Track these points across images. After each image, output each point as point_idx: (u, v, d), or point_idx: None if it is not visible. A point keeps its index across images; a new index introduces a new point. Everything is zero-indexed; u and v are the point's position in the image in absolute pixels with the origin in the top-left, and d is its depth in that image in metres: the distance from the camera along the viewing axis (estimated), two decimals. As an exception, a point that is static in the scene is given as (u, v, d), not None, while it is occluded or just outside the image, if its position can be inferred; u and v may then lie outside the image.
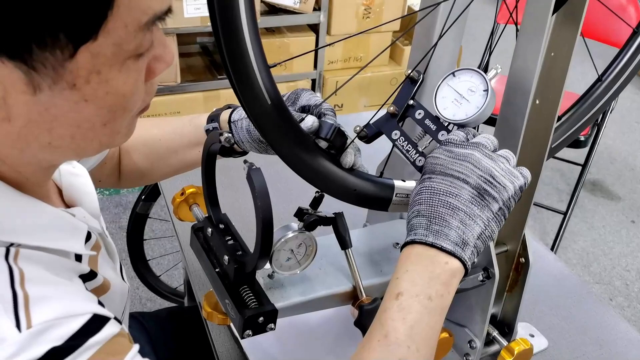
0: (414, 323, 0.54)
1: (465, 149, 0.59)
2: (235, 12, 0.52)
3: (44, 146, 0.46)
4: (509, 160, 0.60)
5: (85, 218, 0.57)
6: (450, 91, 0.65)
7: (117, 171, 0.86)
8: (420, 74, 0.68)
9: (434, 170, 0.59)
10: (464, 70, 0.65)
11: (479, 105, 0.63)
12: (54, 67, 0.42)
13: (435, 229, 0.56)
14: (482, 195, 0.57)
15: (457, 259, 0.56)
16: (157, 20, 0.45)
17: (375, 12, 2.36)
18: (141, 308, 1.94)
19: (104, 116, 0.46)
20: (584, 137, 2.05)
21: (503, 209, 0.58)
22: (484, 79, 0.64)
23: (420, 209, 0.58)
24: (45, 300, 0.44)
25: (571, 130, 0.81)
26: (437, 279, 0.55)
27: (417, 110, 0.67)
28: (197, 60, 2.37)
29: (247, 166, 0.61)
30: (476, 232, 0.56)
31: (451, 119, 0.65)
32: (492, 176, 0.57)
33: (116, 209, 2.32)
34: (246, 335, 0.65)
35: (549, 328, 0.95)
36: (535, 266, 1.08)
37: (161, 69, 0.50)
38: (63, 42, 0.41)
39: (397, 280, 0.56)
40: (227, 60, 0.55)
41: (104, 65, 0.43)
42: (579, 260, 2.29)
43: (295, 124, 0.62)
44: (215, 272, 0.69)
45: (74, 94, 0.43)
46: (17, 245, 0.46)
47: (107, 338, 0.46)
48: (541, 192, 2.60)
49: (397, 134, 0.68)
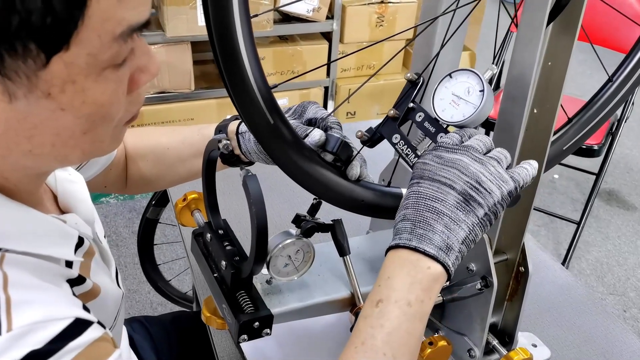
0: (391, 330, 0.54)
1: (455, 154, 0.59)
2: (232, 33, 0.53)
3: (25, 153, 0.47)
4: (500, 162, 0.59)
5: (77, 224, 0.57)
6: (448, 93, 0.66)
7: (123, 177, 0.87)
8: (419, 76, 0.68)
9: (422, 175, 0.60)
10: (460, 71, 0.65)
11: (476, 105, 0.63)
12: (28, 76, 0.42)
13: (420, 232, 0.56)
14: (468, 201, 0.57)
15: (439, 264, 0.56)
16: (134, 32, 0.45)
17: (389, 20, 2.36)
18: (152, 312, 1.96)
19: (82, 125, 0.46)
20: (598, 146, 2.02)
21: (489, 215, 0.58)
22: (480, 79, 0.64)
23: (406, 213, 0.58)
24: (28, 304, 0.45)
25: (580, 134, 0.80)
26: (419, 284, 0.55)
27: (417, 112, 0.68)
28: (211, 67, 2.40)
29: (243, 173, 0.62)
30: (461, 236, 0.56)
31: (449, 120, 0.65)
32: (478, 182, 0.57)
33: (130, 214, 2.34)
34: (242, 340, 0.65)
35: (552, 338, 0.94)
36: (541, 276, 1.08)
37: (145, 79, 0.50)
38: (34, 51, 0.41)
39: (379, 287, 0.56)
40: (228, 86, 0.56)
41: (79, 74, 0.43)
42: (592, 270, 2.26)
43: (299, 139, 0.63)
44: (214, 277, 0.70)
45: (50, 102, 0.44)
46: (4, 250, 0.47)
47: (88, 342, 0.46)
48: (555, 201, 2.57)
49: (398, 138, 0.68)
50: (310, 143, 0.66)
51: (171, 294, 1.71)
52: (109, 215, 2.32)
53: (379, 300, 0.55)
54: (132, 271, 2.08)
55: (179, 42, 2.08)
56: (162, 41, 2.05)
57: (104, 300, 0.59)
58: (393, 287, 0.55)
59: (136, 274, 2.05)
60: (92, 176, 0.80)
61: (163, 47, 2.06)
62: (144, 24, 0.45)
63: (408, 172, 0.84)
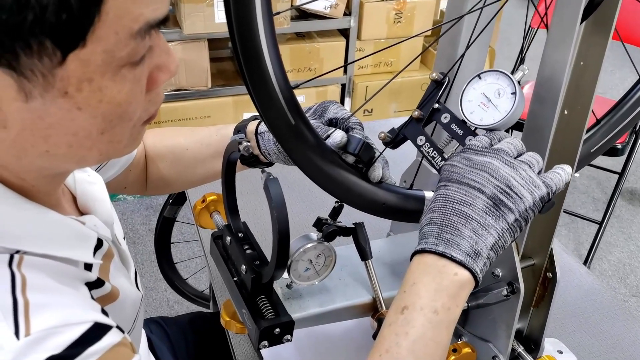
0: (416, 338, 0.52)
1: (484, 157, 0.57)
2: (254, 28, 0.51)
3: (41, 154, 0.46)
4: (532, 166, 0.57)
5: (96, 226, 0.57)
6: (477, 94, 0.63)
7: (143, 178, 0.86)
8: (444, 76, 0.66)
9: (450, 177, 0.58)
10: (489, 72, 0.63)
11: (507, 108, 0.61)
12: (44, 75, 0.41)
13: (447, 237, 0.55)
14: (498, 206, 0.55)
15: (467, 270, 0.54)
16: (151, 29, 0.44)
17: (407, 16, 2.34)
18: (169, 310, 1.96)
19: (99, 124, 0.45)
20: (621, 145, 1.99)
21: (519, 220, 0.56)
22: (512, 81, 0.61)
23: (433, 216, 0.56)
24: (46, 307, 0.44)
25: (608, 136, 0.78)
26: (445, 291, 0.53)
27: (443, 114, 0.65)
28: (228, 65, 2.39)
29: (264, 176, 0.60)
30: (489, 242, 0.55)
31: (478, 123, 0.63)
32: (509, 186, 0.55)
33: (147, 211, 2.35)
34: (262, 346, 0.64)
35: (578, 345, 0.91)
36: (565, 280, 1.05)
37: (164, 78, 0.48)
38: (50, 48, 0.40)
39: (404, 293, 0.55)
40: (249, 85, 0.55)
41: (95, 73, 0.42)
42: (614, 271, 2.22)
43: (320, 141, 0.62)
44: (234, 281, 0.69)
45: (67, 101, 0.43)
46: (22, 253, 0.46)
47: (107, 347, 0.45)
48: (576, 201, 2.53)
49: (423, 140, 0.66)
50: (332, 144, 0.64)
51: (188, 292, 1.71)
52: (125, 213, 2.33)
53: (404, 307, 0.54)
54: (149, 269, 2.09)
55: (196, 40, 2.07)
56: (179, 39, 2.05)
57: (122, 303, 0.59)
58: (418, 293, 0.54)
59: (153, 271, 2.06)
60: (112, 177, 0.79)
61: (180, 45, 2.06)
62: (161, 20, 0.44)
63: (431, 174, 0.83)
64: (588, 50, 0.62)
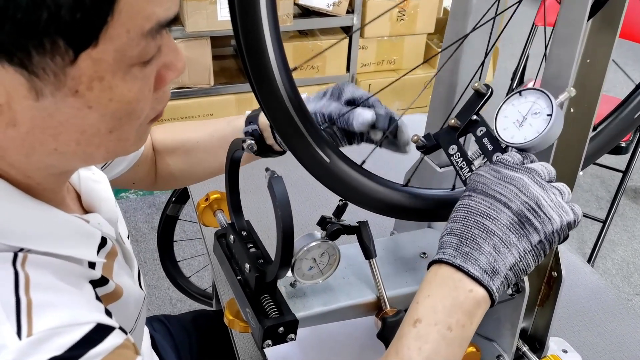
0: (430, 354, 0.51)
1: (515, 172, 0.55)
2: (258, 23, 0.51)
3: (50, 152, 0.46)
4: (563, 194, 0.55)
5: (100, 224, 0.57)
6: (514, 111, 0.60)
7: (152, 174, 0.86)
8: (488, 88, 0.63)
9: (475, 188, 0.56)
10: (531, 90, 0.60)
11: (539, 129, 0.58)
12: (55, 73, 0.41)
13: (465, 250, 0.53)
14: (523, 223, 0.53)
15: (483, 288, 0.52)
16: (162, 28, 0.44)
17: (410, 14, 2.33)
18: (171, 308, 1.96)
19: (108, 123, 0.46)
20: (625, 143, 1.99)
21: (544, 243, 0.53)
22: (550, 102, 0.58)
23: (453, 227, 0.55)
24: (49, 307, 0.44)
25: (615, 133, 0.77)
26: (460, 307, 0.52)
27: (479, 127, 0.63)
28: (230, 62, 2.39)
29: (268, 174, 0.60)
30: (509, 261, 0.52)
31: (509, 141, 0.60)
32: (538, 205, 0.53)
33: (149, 210, 2.35)
34: (266, 345, 0.64)
35: (583, 344, 0.91)
36: (570, 279, 1.05)
37: (172, 76, 0.49)
38: (62, 47, 0.40)
39: (417, 305, 0.53)
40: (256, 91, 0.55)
41: (107, 71, 0.43)
42: (618, 270, 2.22)
43: (326, 140, 0.62)
44: (237, 280, 0.68)
45: (77, 100, 0.43)
46: (26, 251, 0.46)
47: (109, 349, 0.45)
48: (580, 199, 2.52)
49: (455, 149, 0.64)
50: (362, 123, 0.66)
51: (190, 290, 1.71)
52: (128, 211, 2.33)
53: (416, 320, 0.53)
54: (151, 267, 2.09)
55: (199, 37, 2.07)
56: (182, 36, 2.04)
57: (125, 301, 0.58)
58: (433, 307, 0.52)
59: (156, 269, 2.06)
60: (120, 174, 0.79)
61: (183, 43, 2.06)
62: (171, 20, 0.44)
63: (434, 173, 0.82)
64: (595, 48, 0.62)
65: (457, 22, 0.71)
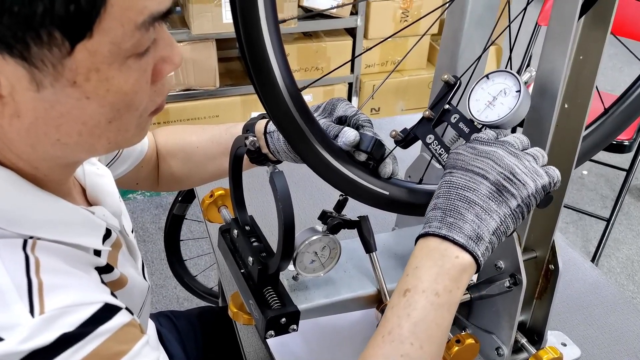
0: (418, 320, 0.54)
1: (490, 147, 0.59)
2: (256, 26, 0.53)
3: (53, 143, 0.48)
4: (537, 158, 0.59)
5: (105, 216, 0.59)
6: (484, 94, 0.65)
7: (154, 175, 0.88)
8: (457, 79, 0.67)
9: (455, 165, 0.59)
10: (497, 72, 0.65)
11: (511, 106, 0.63)
12: (54, 65, 0.43)
13: (450, 221, 0.56)
14: (501, 191, 0.57)
15: (468, 254, 0.55)
16: (155, 21, 0.46)
17: (413, 15, 2.34)
18: (178, 307, 1.98)
19: (107, 114, 0.47)
20: (628, 142, 1.98)
21: (522, 206, 0.57)
22: (517, 80, 0.63)
23: (437, 202, 0.58)
24: (59, 288, 0.46)
25: (612, 129, 0.78)
26: (446, 274, 0.55)
27: (452, 114, 0.67)
28: (236, 64, 2.41)
29: (270, 169, 0.62)
30: (492, 227, 0.56)
31: (484, 120, 0.64)
32: (512, 173, 0.57)
33: (156, 210, 2.37)
34: (269, 335, 0.66)
35: (582, 337, 0.92)
36: (570, 274, 1.06)
37: (168, 69, 0.50)
38: (59, 39, 0.42)
39: (407, 277, 0.56)
40: (258, 90, 0.56)
41: (103, 63, 0.44)
42: (622, 268, 2.22)
43: (329, 140, 0.63)
44: (241, 273, 0.70)
45: (75, 91, 0.45)
46: (35, 238, 0.49)
47: (117, 327, 0.47)
48: (584, 198, 2.53)
49: (432, 138, 0.68)
50: (345, 143, 0.65)
51: (197, 289, 1.73)
52: (135, 212, 2.35)
53: (406, 290, 0.55)
54: (158, 266, 2.11)
55: (204, 40, 2.09)
56: (188, 39, 2.07)
57: (130, 290, 0.60)
58: (420, 276, 0.55)
59: (163, 269, 2.08)
60: (124, 173, 0.81)
61: (188, 45, 2.08)
62: (165, 13, 0.46)
63: (434, 169, 0.84)
64: (587, 44, 0.63)
65: (454, 20, 0.73)
